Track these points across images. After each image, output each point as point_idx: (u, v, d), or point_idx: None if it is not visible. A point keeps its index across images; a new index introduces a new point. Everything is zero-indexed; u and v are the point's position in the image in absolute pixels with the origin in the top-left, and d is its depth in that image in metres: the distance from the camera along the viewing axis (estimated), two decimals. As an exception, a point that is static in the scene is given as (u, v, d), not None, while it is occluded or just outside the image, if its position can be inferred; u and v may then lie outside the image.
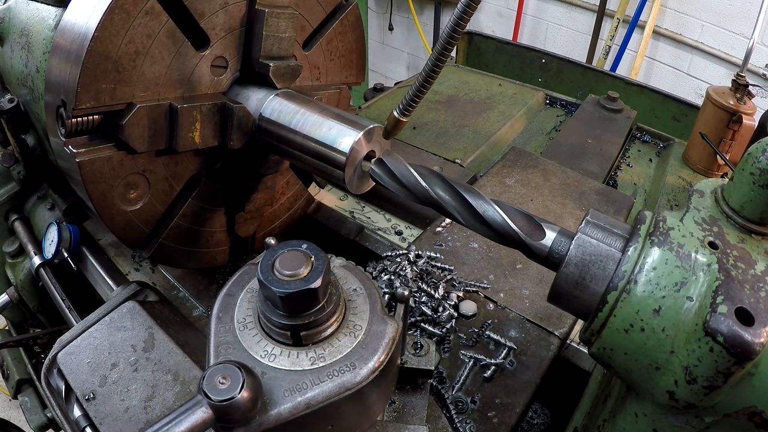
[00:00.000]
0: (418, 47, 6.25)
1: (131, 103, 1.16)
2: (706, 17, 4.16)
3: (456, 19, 0.94)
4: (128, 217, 1.27)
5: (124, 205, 1.25)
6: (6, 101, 1.63)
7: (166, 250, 1.40)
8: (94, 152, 1.15)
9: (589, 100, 2.78)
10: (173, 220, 1.38)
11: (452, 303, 1.47)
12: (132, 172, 1.23)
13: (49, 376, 1.15)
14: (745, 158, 0.80)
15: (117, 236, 1.28)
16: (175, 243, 1.42)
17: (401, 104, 1.14)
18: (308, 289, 0.74)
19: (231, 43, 1.33)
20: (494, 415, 1.24)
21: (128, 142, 1.17)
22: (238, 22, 1.33)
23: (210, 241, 1.54)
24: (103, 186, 1.19)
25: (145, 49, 1.14)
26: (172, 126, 1.23)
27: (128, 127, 1.16)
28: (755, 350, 0.68)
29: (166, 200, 1.35)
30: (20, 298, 2.05)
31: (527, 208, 1.11)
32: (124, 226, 1.28)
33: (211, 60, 1.30)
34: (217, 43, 1.29)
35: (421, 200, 1.09)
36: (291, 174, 1.72)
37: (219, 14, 1.27)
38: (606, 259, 0.84)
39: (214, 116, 1.30)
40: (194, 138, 1.28)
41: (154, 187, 1.30)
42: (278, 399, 0.73)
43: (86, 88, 1.08)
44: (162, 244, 1.38)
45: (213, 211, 1.49)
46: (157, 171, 1.29)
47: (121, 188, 1.23)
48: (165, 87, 1.22)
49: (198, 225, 1.46)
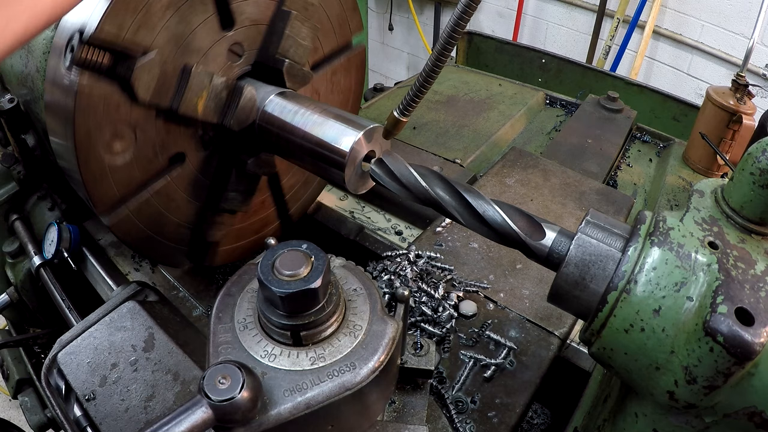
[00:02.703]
0: (418, 47, 6.25)
1: (149, 49, 1.16)
2: (706, 17, 4.16)
3: (456, 19, 0.94)
4: (103, 168, 1.21)
5: (105, 153, 1.19)
6: (6, 101, 1.63)
7: (127, 225, 1.33)
8: (96, 85, 1.13)
9: (589, 100, 2.78)
10: (145, 192, 1.32)
11: (452, 303, 1.47)
12: (124, 122, 1.20)
13: (49, 376, 1.14)
14: (745, 158, 0.80)
15: (86, 187, 1.20)
16: (139, 220, 1.35)
17: (401, 104, 1.14)
18: (308, 289, 0.74)
19: (252, 35, 1.38)
20: (494, 415, 1.24)
21: (134, 87, 1.15)
22: (264, 18, 1.38)
23: (173, 234, 1.46)
24: (92, 123, 1.14)
25: (176, 5, 1.17)
26: (180, 86, 1.23)
27: (139, 71, 1.14)
28: (755, 350, 0.68)
29: (147, 168, 1.30)
30: (20, 298, 2.05)
31: (527, 208, 1.11)
32: (96, 177, 1.21)
33: (230, 43, 1.33)
34: (241, 29, 1.34)
35: (421, 200, 1.09)
36: (268, 195, 1.68)
37: (249, 3, 1.33)
38: (606, 259, 0.84)
39: (222, 92, 1.31)
40: (197, 105, 1.27)
41: (139, 149, 1.25)
42: (278, 399, 0.73)
43: (113, 16, 1.07)
44: (127, 217, 1.31)
45: (186, 201, 1.44)
46: (148, 132, 1.25)
47: (107, 134, 1.18)
48: (183, 49, 1.23)
49: (167, 210, 1.40)
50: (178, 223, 1.45)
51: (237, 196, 1.49)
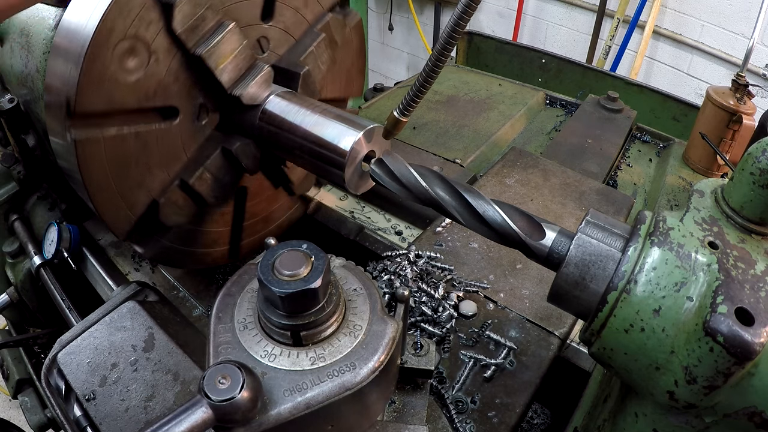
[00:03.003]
0: (418, 47, 6.25)
1: None
2: (706, 17, 4.16)
3: (456, 19, 0.94)
4: (113, 79, 1.16)
5: (116, 60, 1.16)
6: (6, 101, 1.63)
7: (94, 151, 1.22)
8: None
9: (589, 100, 2.78)
10: (127, 127, 1.25)
11: (452, 303, 1.47)
12: (147, 41, 1.18)
13: (49, 376, 1.14)
14: (745, 158, 0.80)
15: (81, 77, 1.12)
16: (108, 154, 1.25)
17: (401, 104, 1.14)
18: (308, 289, 0.74)
19: (280, 39, 1.47)
20: (494, 415, 1.24)
21: (174, 13, 1.16)
22: (295, 31, 1.51)
23: (130, 192, 1.33)
24: (121, 20, 1.12)
25: None
26: (213, 36, 1.26)
27: (185, 1, 1.17)
28: (755, 350, 0.68)
29: (141, 99, 1.24)
30: (20, 298, 2.05)
31: (527, 208, 1.11)
32: (101, 80, 1.15)
33: (260, 35, 1.43)
34: (274, 28, 1.45)
35: (421, 200, 1.09)
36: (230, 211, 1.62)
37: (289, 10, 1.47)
38: (606, 259, 0.84)
39: (244, 60, 1.34)
40: (219, 61, 1.28)
41: (146, 77, 1.22)
42: (278, 399, 0.73)
43: None
44: (98, 142, 1.21)
45: (158, 163, 1.36)
46: (161, 65, 1.22)
47: (128, 45, 1.15)
48: (226, 10, 1.29)
49: (136, 162, 1.30)
50: (141, 182, 1.33)
51: (209, 179, 1.41)
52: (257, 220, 1.73)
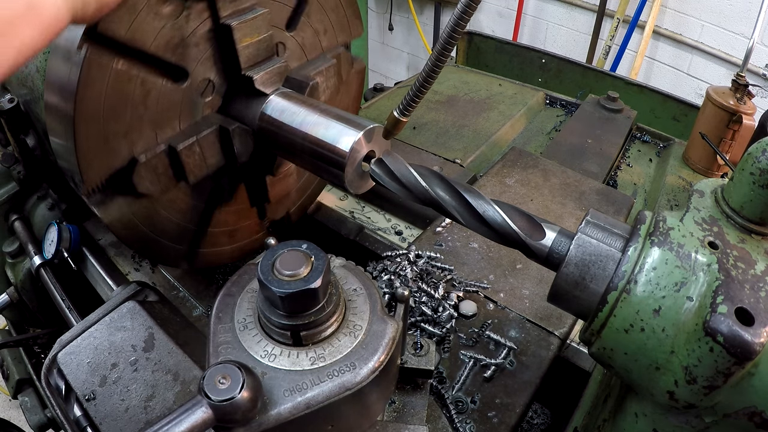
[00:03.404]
0: (418, 47, 6.25)
1: None
2: (706, 17, 4.16)
3: (456, 19, 0.94)
4: (143, 16, 1.15)
5: (149, 3, 1.15)
6: (6, 101, 1.63)
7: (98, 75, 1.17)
8: None
9: (589, 100, 2.78)
10: (135, 67, 1.21)
11: (452, 303, 1.47)
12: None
13: (49, 376, 1.14)
14: (745, 158, 0.80)
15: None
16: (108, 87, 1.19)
17: (401, 104, 1.14)
18: (308, 289, 0.74)
19: (295, 52, 1.51)
20: (494, 415, 1.24)
21: None
22: (311, 51, 1.55)
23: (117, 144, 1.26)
24: None
25: None
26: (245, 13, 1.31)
27: None
28: (755, 350, 0.68)
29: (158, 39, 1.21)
30: (20, 298, 2.05)
31: (527, 208, 1.11)
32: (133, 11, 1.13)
33: (279, 40, 1.47)
34: (292, 40, 1.49)
35: (421, 200, 1.09)
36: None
37: (308, 31, 1.52)
38: (606, 259, 0.84)
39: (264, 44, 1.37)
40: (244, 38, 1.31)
41: (177, 26, 1.22)
42: (278, 399, 0.73)
43: None
44: (101, 67, 1.16)
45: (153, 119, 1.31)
46: (191, 22, 1.25)
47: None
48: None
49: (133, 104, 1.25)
50: (128, 132, 1.26)
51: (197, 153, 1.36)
52: (222, 230, 1.66)
